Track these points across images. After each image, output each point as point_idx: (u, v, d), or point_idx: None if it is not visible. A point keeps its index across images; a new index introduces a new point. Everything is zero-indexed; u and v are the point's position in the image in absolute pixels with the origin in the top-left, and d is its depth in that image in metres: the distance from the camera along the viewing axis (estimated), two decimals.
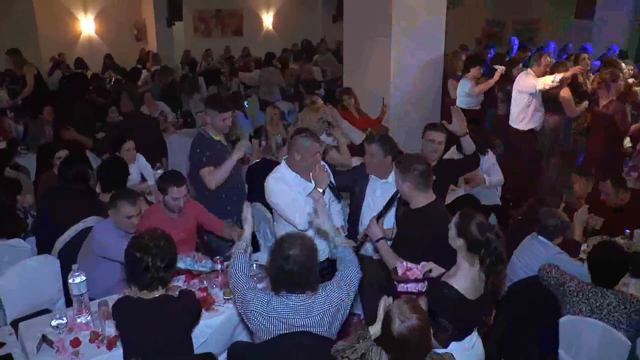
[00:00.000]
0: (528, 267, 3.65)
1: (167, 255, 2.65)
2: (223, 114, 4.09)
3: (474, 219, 2.60)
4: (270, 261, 2.55)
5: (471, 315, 2.70)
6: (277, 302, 2.51)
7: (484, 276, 2.62)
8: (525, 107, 6.34)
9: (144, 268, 2.60)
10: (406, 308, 2.26)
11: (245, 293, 2.60)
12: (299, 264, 2.46)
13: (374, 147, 3.67)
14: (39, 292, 3.69)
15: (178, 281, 3.62)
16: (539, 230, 3.74)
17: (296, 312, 2.49)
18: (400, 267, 2.86)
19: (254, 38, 14.79)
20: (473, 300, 2.60)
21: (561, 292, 3.21)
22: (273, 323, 2.50)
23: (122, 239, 3.29)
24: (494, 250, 2.55)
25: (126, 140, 4.99)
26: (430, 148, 3.89)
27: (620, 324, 2.97)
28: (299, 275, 2.48)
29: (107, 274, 3.45)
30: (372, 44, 6.12)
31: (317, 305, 2.52)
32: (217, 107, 4.11)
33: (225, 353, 3.36)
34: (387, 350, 2.31)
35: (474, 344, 2.78)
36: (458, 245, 2.64)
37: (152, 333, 2.62)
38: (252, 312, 2.53)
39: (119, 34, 13.10)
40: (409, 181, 3.07)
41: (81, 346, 2.95)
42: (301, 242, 2.52)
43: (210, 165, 4.03)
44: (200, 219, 3.91)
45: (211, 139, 4.13)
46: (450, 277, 2.64)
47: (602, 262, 3.14)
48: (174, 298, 2.77)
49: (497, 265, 2.59)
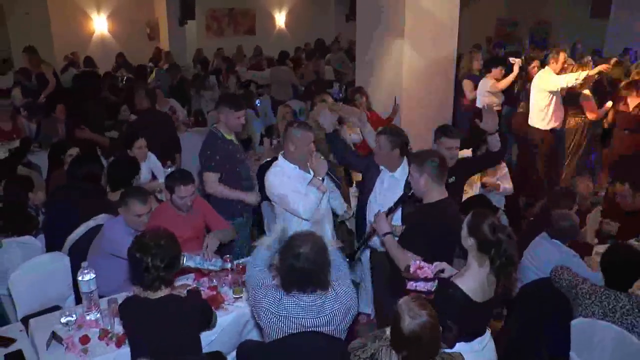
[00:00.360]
0: (539, 268, 3.61)
1: (168, 254, 2.63)
2: (237, 112, 4.06)
3: (487, 219, 2.59)
4: (280, 260, 2.54)
5: (477, 318, 2.68)
6: (288, 301, 2.49)
7: (494, 278, 2.60)
8: (545, 106, 6.24)
9: (144, 268, 2.59)
10: (414, 305, 2.25)
11: (257, 289, 2.60)
12: (310, 262, 2.44)
13: (382, 139, 3.69)
14: (49, 289, 3.72)
15: (187, 279, 3.63)
16: (550, 232, 3.70)
17: (307, 312, 2.48)
18: (412, 265, 2.84)
19: (266, 37, 14.80)
20: (480, 303, 2.57)
21: (573, 295, 3.17)
22: (283, 322, 2.48)
23: (132, 237, 3.29)
24: (504, 251, 2.53)
25: (138, 138, 4.99)
26: (447, 155, 3.78)
27: (634, 327, 2.92)
28: (310, 273, 2.46)
29: (116, 272, 3.45)
30: (385, 43, 6.09)
31: (328, 304, 2.50)
32: (231, 106, 4.08)
33: (234, 352, 3.35)
34: (398, 349, 2.29)
35: (485, 346, 2.75)
36: (469, 244, 2.62)
37: (158, 333, 2.62)
38: (263, 309, 2.51)
39: (131, 33, 13.15)
40: (426, 173, 3.06)
41: (90, 343, 2.96)
42: (312, 240, 2.50)
43: (219, 170, 4.01)
44: (207, 218, 3.90)
45: (223, 138, 4.11)
46: (458, 277, 2.62)
47: (616, 264, 3.10)
48: (180, 298, 2.76)
49: (508, 267, 2.57)
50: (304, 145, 3.63)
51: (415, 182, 3.14)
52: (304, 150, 3.63)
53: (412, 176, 3.15)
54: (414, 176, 3.13)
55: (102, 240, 3.57)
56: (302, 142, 3.63)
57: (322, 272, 2.50)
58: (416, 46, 5.92)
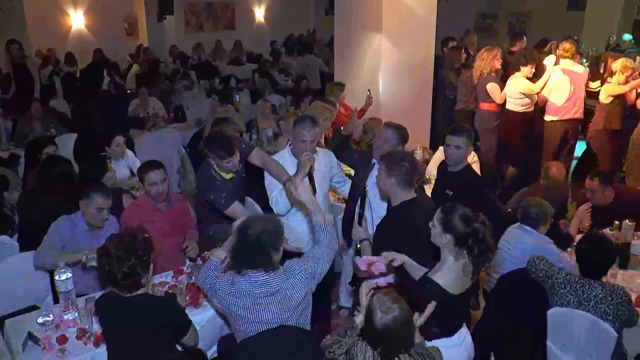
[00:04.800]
0: (515, 257, 3.65)
1: (125, 264, 2.58)
2: (229, 159, 3.68)
3: (457, 212, 2.59)
4: (235, 240, 2.71)
5: (456, 310, 2.70)
6: (240, 281, 2.63)
7: (471, 268, 2.62)
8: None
9: (106, 277, 2.64)
10: (387, 299, 2.27)
11: (212, 282, 2.74)
12: (255, 241, 2.58)
13: (391, 133, 3.69)
14: (27, 289, 3.68)
15: (167, 277, 3.62)
16: (521, 219, 3.75)
17: (254, 286, 2.60)
18: (361, 263, 2.77)
19: (246, 32, 14.70)
20: (457, 295, 2.60)
21: (549, 285, 3.21)
22: (240, 298, 2.61)
23: (85, 233, 3.42)
24: (482, 239, 2.55)
25: (116, 136, 5.04)
26: (447, 151, 3.83)
27: (607, 315, 2.97)
28: (255, 251, 2.60)
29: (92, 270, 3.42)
30: (363, 37, 6.10)
31: (275, 280, 2.62)
32: (220, 155, 3.67)
33: (215, 348, 3.36)
34: (373, 345, 2.31)
35: (463, 340, 2.78)
36: (445, 241, 2.61)
37: (130, 331, 2.62)
38: (220, 294, 2.67)
39: (109, 29, 12.96)
40: (395, 177, 3.03)
41: (68, 343, 2.93)
42: (263, 221, 2.66)
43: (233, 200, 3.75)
44: (181, 215, 3.93)
45: (223, 179, 3.80)
46: (434, 273, 2.63)
47: (590, 253, 3.14)
48: (153, 299, 2.80)
49: (486, 253, 2.59)
50: (298, 141, 3.69)
51: (382, 182, 3.11)
52: (297, 145, 3.70)
53: (380, 175, 3.12)
54: (382, 176, 3.09)
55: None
56: (296, 137, 3.70)
57: (268, 252, 2.61)
58: (394, 40, 5.95)
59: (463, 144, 3.72)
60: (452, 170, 3.84)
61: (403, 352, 2.27)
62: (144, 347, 2.59)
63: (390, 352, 2.27)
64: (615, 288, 3.05)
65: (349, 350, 2.34)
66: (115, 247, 2.60)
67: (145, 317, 2.64)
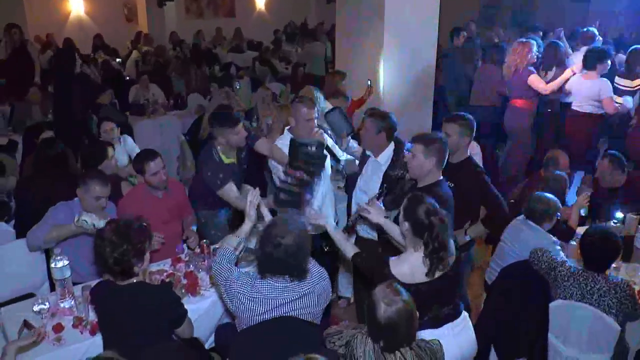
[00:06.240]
0: (518, 252, 3.61)
1: (117, 250, 2.56)
2: (234, 129, 3.74)
3: (423, 203, 2.60)
4: (260, 246, 2.51)
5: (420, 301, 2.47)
6: (261, 285, 2.50)
7: (428, 265, 2.60)
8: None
9: (98, 261, 2.63)
10: (389, 292, 2.23)
11: (228, 282, 2.58)
12: (289, 254, 2.44)
13: (368, 122, 3.67)
14: (23, 276, 3.66)
15: (165, 265, 3.58)
16: (526, 214, 3.71)
17: (280, 293, 2.49)
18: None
19: (246, 19, 14.59)
20: (408, 284, 2.53)
21: (552, 277, 3.18)
22: (257, 303, 2.49)
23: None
24: (436, 236, 2.55)
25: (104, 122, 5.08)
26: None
27: (610, 308, 2.94)
28: (288, 263, 2.47)
29: (90, 257, 3.38)
30: (365, 27, 6.02)
31: (302, 288, 2.53)
32: (225, 124, 3.74)
33: (213, 337, 3.33)
34: (376, 338, 2.27)
35: (458, 332, 2.76)
36: (405, 229, 2.65)
37: (125, 319, 2.60)
38: (236, 293, 2.52)
39: (109, 14, 12.90)
40: (435, 157, 3.09)
41: (64, 331, 2.89)
42: (294, 231, 2.48)
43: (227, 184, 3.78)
44: (179, 200, 3.90)
45: (221, 162, 3.82)
46: (395, 260, 2.66)
47: (593, 246, 3.11)
48: (148, 287, 2.77)
49: (440, 252, 2.57)
50: (302, 120, 3.76)
51: (417, 162, 3.12)
52: (301, 124, 3.77)
53: (416, 157, 3.12)
54: (418, 157, 3.10)
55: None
56: (301, 117, 3.77)
57: (300, 264, 2.51)
58: (396, 30, 5.86)
59: (454, 131, 3.54)
60: (452, 161, 3.80)
61: (405, 346, 2.24)
62: (139, 335, 2.56)
63: (392, 345, 2.23)
64: (619, 281, 3.01)
65: (349, 342, 2.31)
66: (109, 232, 2.58)
67: (139, 305, 2.61)
